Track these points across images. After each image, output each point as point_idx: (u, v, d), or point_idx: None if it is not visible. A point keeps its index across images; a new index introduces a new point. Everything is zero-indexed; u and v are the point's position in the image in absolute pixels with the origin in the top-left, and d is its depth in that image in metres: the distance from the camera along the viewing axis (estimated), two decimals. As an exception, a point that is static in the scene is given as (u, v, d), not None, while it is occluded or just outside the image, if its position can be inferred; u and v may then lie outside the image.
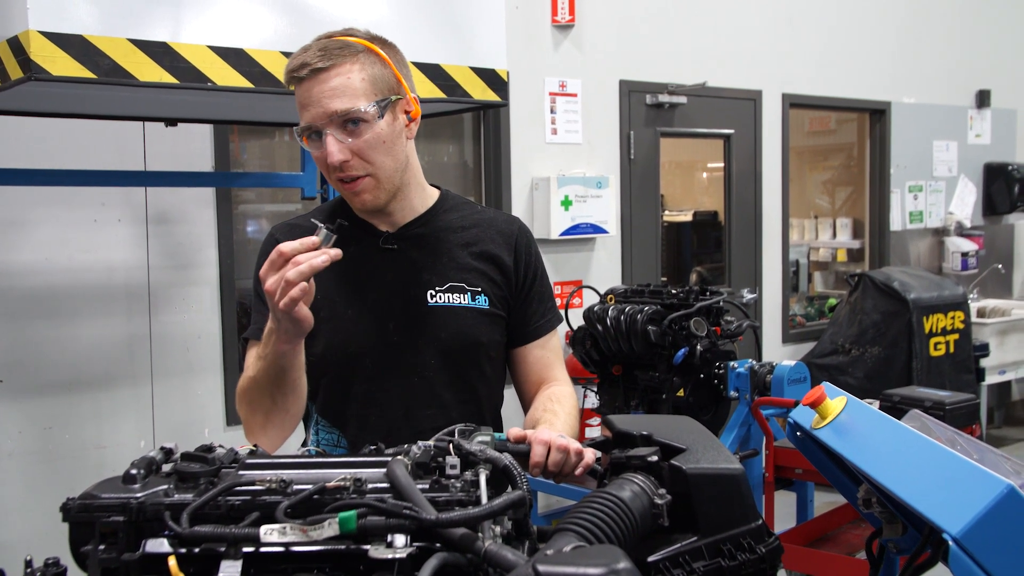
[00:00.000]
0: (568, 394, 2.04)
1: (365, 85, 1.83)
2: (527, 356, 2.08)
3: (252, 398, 1.86)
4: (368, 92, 1.83)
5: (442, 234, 2.02)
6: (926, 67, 7.95)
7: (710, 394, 4.33)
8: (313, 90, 1.81)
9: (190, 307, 4.51)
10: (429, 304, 1.96)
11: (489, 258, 2.02)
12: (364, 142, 1.84)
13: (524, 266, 2.06)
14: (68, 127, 3.90)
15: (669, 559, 1.17)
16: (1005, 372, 7.33)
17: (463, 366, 1.98)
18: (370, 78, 1.84)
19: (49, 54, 2.42)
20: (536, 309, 2.07)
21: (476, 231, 2.04)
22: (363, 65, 1.84)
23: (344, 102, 1.81)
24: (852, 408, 1.42)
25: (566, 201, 5.59)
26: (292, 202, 5.04)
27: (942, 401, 3.75)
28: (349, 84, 1.82)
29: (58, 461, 4.18)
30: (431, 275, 1.97)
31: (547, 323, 2.10)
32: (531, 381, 2.09)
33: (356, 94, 1.82)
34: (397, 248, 1.98)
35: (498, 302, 2.01)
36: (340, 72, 1.81)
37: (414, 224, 2.01)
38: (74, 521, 1.17)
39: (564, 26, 5.74)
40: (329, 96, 1.81)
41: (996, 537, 1.02)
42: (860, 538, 3.82)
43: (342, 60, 1.82)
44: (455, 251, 2.01)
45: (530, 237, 2.11)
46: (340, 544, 1.13)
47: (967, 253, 8.02)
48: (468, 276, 1.99)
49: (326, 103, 1.81)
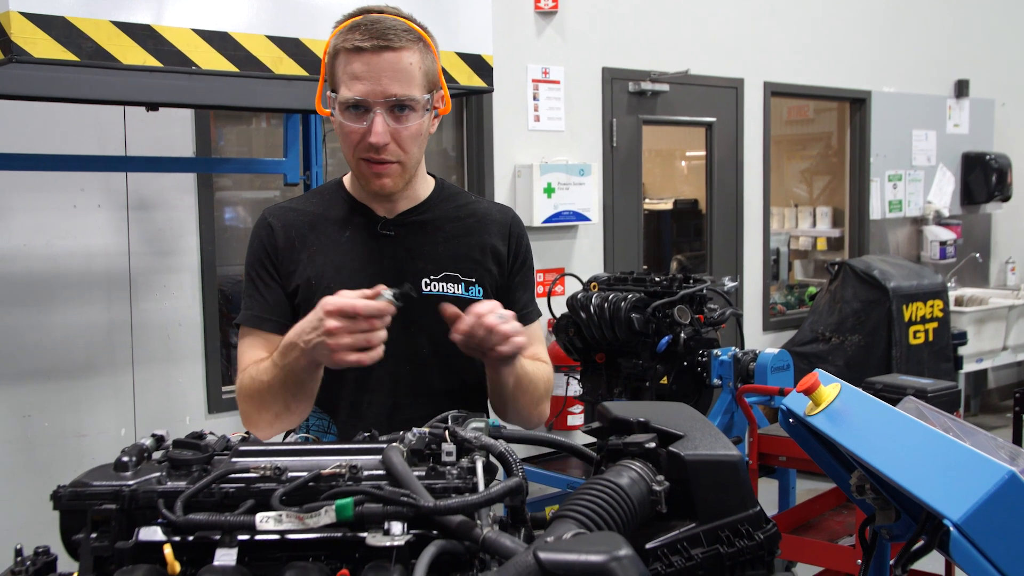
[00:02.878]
0: (543, 367, 2.05)
1: (421, 75, 1.83)
2: None
3: (264, 400, 1.85)
4: (422, 83, 1.84)
5: (439, 223, 2.01)
6: (906, 57, 7.98)
7: (693, 382, 4.33)
8: (375, 65, 1.79)
9: (171, 294, 4.47)
10: (423, 292, 1.94)
11: (484, 248, 2.02)
12: (407, 130, 1.84)
13: (515, 255, 2.07)
14: (47, 111, 3.85)
15: (667, 546, 1.16)
16: (982, 360, 7.40)
17: (454, 355, 1.97)
18: (425, 69, 1.85)
19: (30, 36, 2.38)
20: (520, 297, 2.07)
21: (472, 221, 2.04)
22: (422, 55, 1.84)
23: (404, 87, 1.80)
24: (846, 395, 1.42)
25: (548, 188, 5.58)
26: (271, 189, 5.01)
27: (924, 389, 3.77)
28: (411, 71, 1.81)
29: (37, 450, 4.15)
30: (426, 263, 1.97)
31: (531, 313, 2.10)
32: None
33: (414, 82, 1.82)
34: (394, 235, 1.98)
35: (490, 293, 2.01)
36: (406, 57, 1.81)
37: (412, 212, 2.00)
38: (65, 509, 1.16)
39: (547, 13, 5.73)
40: (391, 76, 1.80)
41: (997, 523, 1.02)
42: (842, 525, 3.85)
43: (408, 45, 1.81)
44: (451, 240, 2.00)
45: (522, 227, 2.11)
46: (336, 531, 1.12)
47: (945, 242, 8.07)
48: (463, 266, 1.99)
49: (386, 83, 1.80)
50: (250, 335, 1.96)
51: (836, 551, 3.60)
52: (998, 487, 1.02)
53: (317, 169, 4.10)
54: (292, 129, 4.12)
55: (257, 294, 1.97)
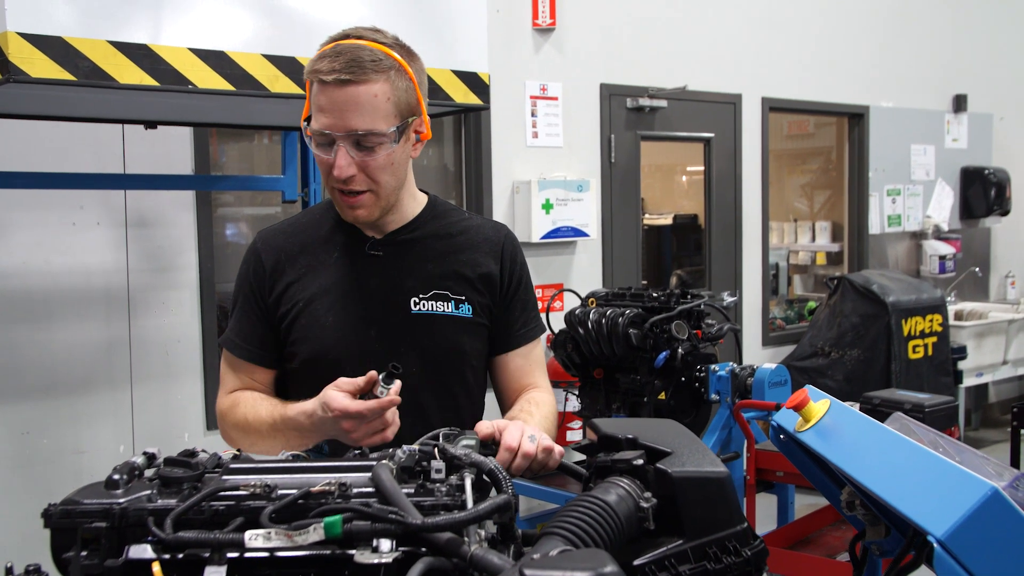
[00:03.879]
0: (547, 401, 2.03)
1: (389, 106, 1.79)
2: (508, 364, 2.07)
3: (255, 442, 1.90)
4: (390, 115, 1.79)
5: (428, 241, 2.00)
6: (904, 72, 8.01)
7: (691, 397, 4.33)
8: (336, 99, 1.76)
9: (170, 311, 4.48)
10: (412, 312, 1.94)
11: (474, 266, 2.01)
12: (375, 162, 1.81)
13: (509, 274, 2.04)
14: (46, 129, 3.87)
15: (655, 562, 1.17)
16: (982, 375, 7.39)
17: (445, 374, 1.98)
18: (395, 99, 1.80)
19: (27, 55, 2.40)
20: (518, 317, 2.06)
21: (462, 239, 2.03)
22: (392, 85, 1.79)
23: (366, 121, 1.77)
24: (835, 411, 1.42)
25: (547, 204, 5.59)
26: (271, 205, 5.02)
27: (921, 403, 3.76)
28: (375, 104, 1.77)
29: (35, 467, 4.14)
30: (415, 282, 1.96)
31: (529, 332, 2.08)
32: (511, 388, 2.08)
33: (378, 115, 1.78)
34: (383, 255, 1.97)
35: (481, 311, 2.00)
36: (369, 89, 1.76)
37: (401, 231, 1.99)
38: (56, 527, 1.16)
39: (545, 30, 5.75)
40: (352, 111, 1.76)
41: (980, 539, 1.02)
42: (841, 540, 3.84)
43: (374, 77, 1.77)
44: (440, 259, 1.99)
45: (516, 245, 2.09)
46: (325, 549, 1.13)
47: (944, 256, 8.08)
48: (452, 284, 1.98)
49: (347, 117, 1.77)
50: (229, 357, 2.03)
51: (834, 567, 3.60)
52: (981, 503, 1.03)
53: (315, 186, 4.11)
54: (290, 146, 4.14)
55: (236, 321, 2.02)
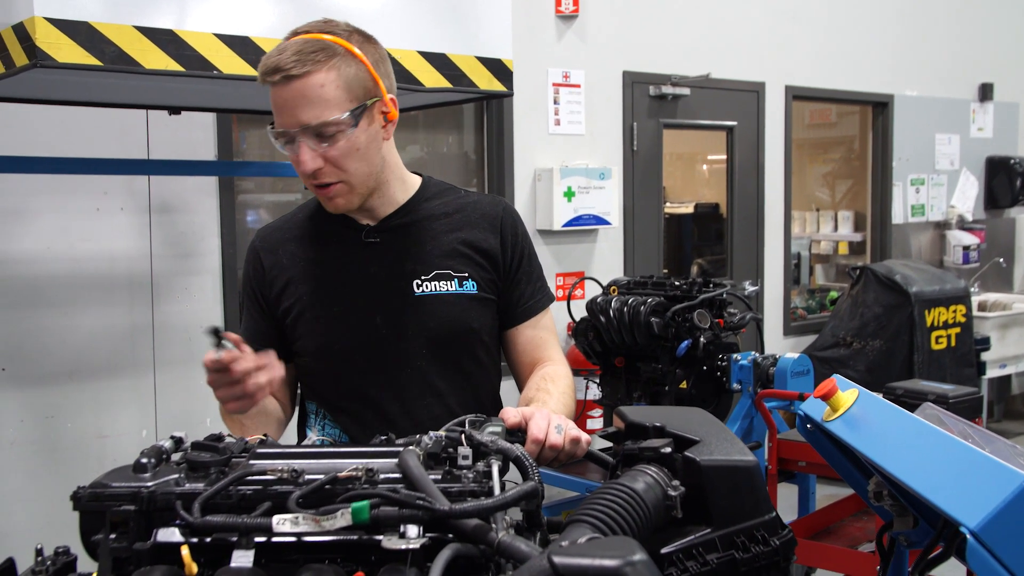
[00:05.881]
0: (563, 373, 2.01)
1: (340, 93, 1.76)
2: (518, 337, 2.05)
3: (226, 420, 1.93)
4: (342, 101, 1.76)
5: (425, 222, 1.99)
6: (928, 60, 7.93)
7: (713, 386, 4.32)
8: (285, 97, 1.75)
9: (192, 296, 4.50)
10: (415, 294, 1.93)
11: (474, 242, 1.99)
12: (337, 150, 1.79)
13: (511, 247, 2.02)
14: (71, 115, 3.88)
15: (682, 551, 1.16)
16: (1006, 366, 7.33)
17: (455, 353, 1.97)
18: (345, 85, 1.76)
19: (54, 41, 2.40)
20: (525, 289, 2.04)
21: (460, 216, 2.01)
22: (339, 71, 1.76)
23: (316, 113, 1.75)
24: (864, 401, 1.41)
25: (569, 192, 5.58)
26: (293, 192, 5.03)
27: (945, 394, 3.74)
28: (322, 94, 1.74)
29: (59, 451, 4.18)
30: (416, 265, 1.95)
31: (537, 303, 2.06)
32: (524, 362, 2.06)
33: (329, 104, 1.75)
34: (380, 241, 1.96)
35: (487, 286, 1.98)
36: (314, 81, 1.73)
37: (395, 215, 1.98)
38: (85, 510, 1.17)
39: (568, 16, 5.73)
40: (302, 105, 1.74)
41: (1014, 531, 1.01)
42: (863, 531, 3.82)
43: (317, 67, 1.74)
44: (439, 238, 1.98)
45: (516, 217, 2.07)
46: (352, 534, 1.13)
47: (968, 247, 8.01)
48: (454, 262, 1.96)
49: (298, 113, 1.75)
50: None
51: (856, 557, 3.58)
52: (1015, 494, 1.01)
53: (337, 172, 4.11)
54: (312, 133, 4.14)
55: (249, 319, 2.07)
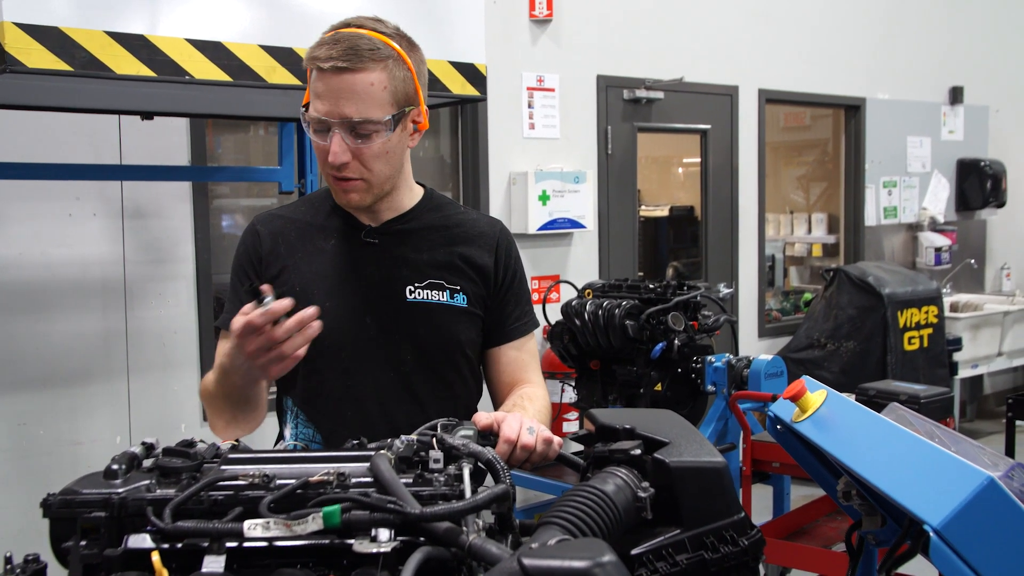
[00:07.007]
0: (540, 395, 2.03)
1: (386, 95, 1.80)
2: (501, 357, 2.07)
3: (216, 407, 1.89)
4: (386, 103, 1.80)
5: (424, 232, 2.01)
6: (900, 64, 8.00)
7: (688, 388, 4.34)
8: (332, 86, 1.77)
9: (166, 302, 4.47)
10: (408, 300, 1.95)
11: (469, 257, 2.02)
12: (369, 150, 1.82)
13: (504, 267, 2.05)
14: (42, 120, 3.86)
15: (652, 552, 1.17)
16: (977, 366, 7.41)
17: (440, 362, 1.98)
18: (392, 88, 1.81)
19: (24, 46, 2.39)
20: (512, 311, 2.07)
21: (458, 231, 2.04)
22: (390, 73, 1.80)
23: (361, 110, 1.78)
24: (832, 402, 1.43)
25: (543, 196, 5.59)
26: (268, 196, 5.02)
27: (917, 395, 3.78)
28: (371, 92, 1.78)
29: (33, 458, 4.14)
30: (410, 271, 1.97)
31: (523, 326, 2.09)
32: (504, 382, 2.08)
33: (374, 103, 1.79)
34: (378, 243, 1.98)
35: (476, 301, 2.01)
36: (365, 78, 1.77)
37: (397, 220, 2.00)
38: (55, 517, 1.17)
39: (542, 21, 5.74)
40: (347, 98, 1.77)
41: (976, 528, 1.03)
42: (837, 531, 3.85)
43: (371, 65, 1.78)
44: (436, 249, 2.00)
45: (511, 240, 2.11)
46: (324, 538, 1.13)
47: (940, 248, 8.08)
48: (447, 274, 1.99)
49: (342, 105, 1.78)
50: (225, 336, 1.97)
51: (830, 557, 3.60)
52: (977, 492, 1.03)
53: (312, 177, 4.11)
54: (287, 138, 4.13)
55: (237, 300, 1.97)
